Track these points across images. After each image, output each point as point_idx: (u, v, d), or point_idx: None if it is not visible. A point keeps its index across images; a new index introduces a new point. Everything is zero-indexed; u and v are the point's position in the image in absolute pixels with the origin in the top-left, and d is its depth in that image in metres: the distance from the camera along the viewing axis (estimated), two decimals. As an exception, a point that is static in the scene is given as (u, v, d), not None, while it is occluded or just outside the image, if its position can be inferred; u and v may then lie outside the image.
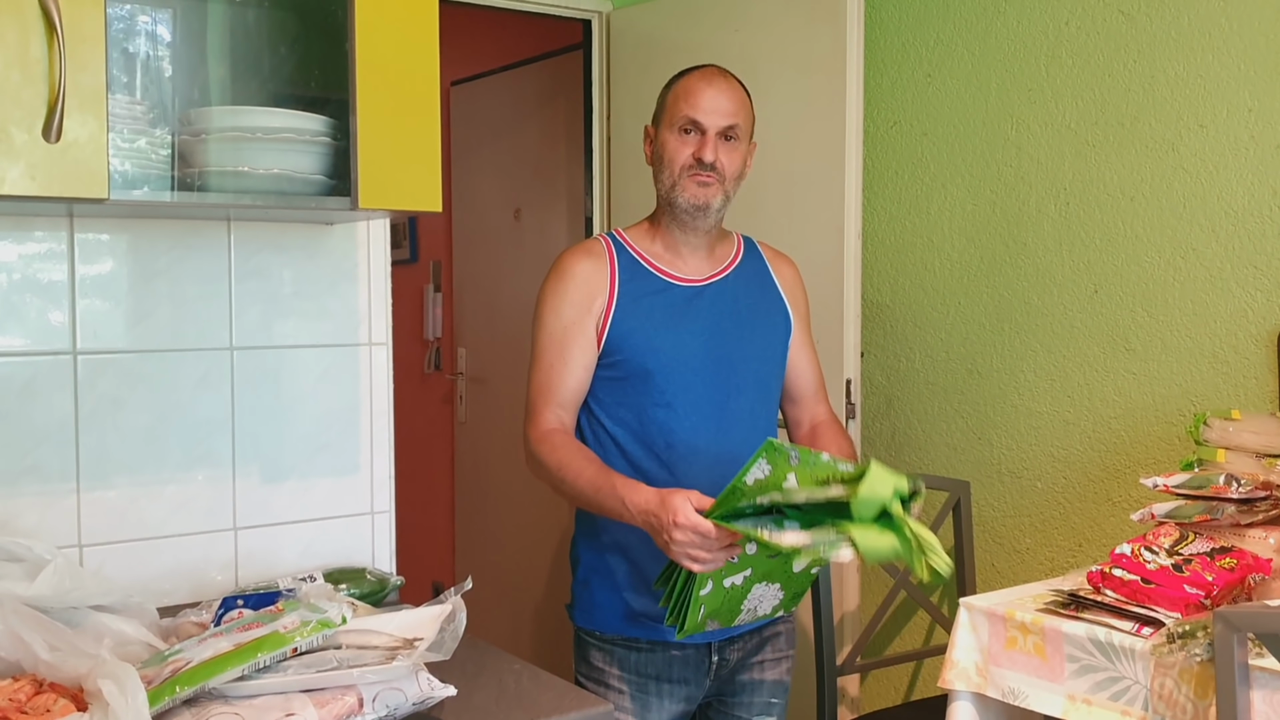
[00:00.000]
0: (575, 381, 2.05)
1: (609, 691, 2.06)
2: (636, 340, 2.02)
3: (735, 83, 2.09)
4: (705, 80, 2.06)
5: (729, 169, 2.04)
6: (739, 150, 2.07)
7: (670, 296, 2.07)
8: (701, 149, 2.02)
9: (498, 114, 4.34)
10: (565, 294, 2.05)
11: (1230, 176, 2.36)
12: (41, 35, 1.38)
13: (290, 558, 1.97)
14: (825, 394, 2.27)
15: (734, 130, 2.04)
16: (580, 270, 2.06)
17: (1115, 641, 1.79)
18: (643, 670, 2.06)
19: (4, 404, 1.73)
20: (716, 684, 2.13)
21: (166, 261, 1.85)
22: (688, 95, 2.05)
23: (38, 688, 1.33)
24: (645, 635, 2.06)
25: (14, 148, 1.37)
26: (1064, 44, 2.62)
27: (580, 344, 2.04)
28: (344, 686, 1.36)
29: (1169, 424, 2.46)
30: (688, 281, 2.09)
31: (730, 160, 2.04)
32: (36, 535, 1.68)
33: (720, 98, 2.04)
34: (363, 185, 1.62)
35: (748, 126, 2.09)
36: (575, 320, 2.04)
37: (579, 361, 2.05)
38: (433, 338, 4.80)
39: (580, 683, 2.11)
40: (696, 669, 2.09)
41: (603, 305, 2.04)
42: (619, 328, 2.03)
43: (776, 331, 2.16)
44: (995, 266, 2.78)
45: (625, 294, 2.05)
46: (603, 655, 2.08)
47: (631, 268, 2.07)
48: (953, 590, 2.78)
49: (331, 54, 1.68)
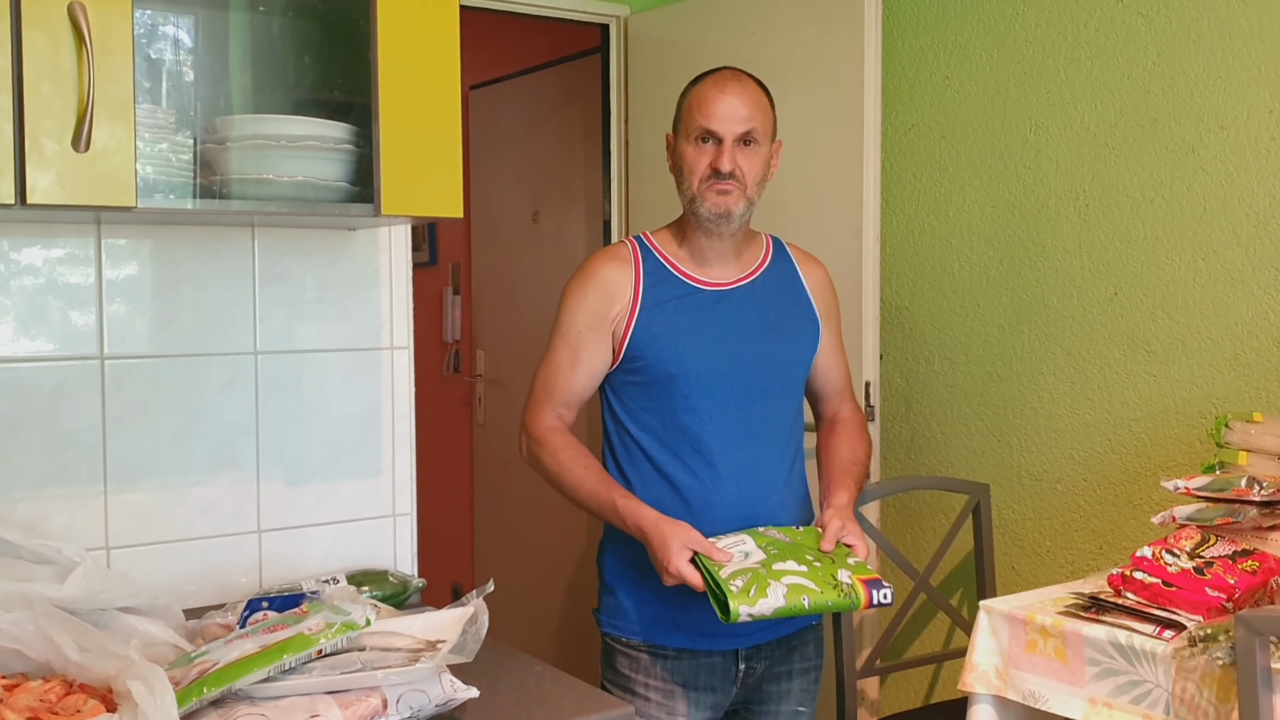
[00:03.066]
0: (580, 386, 2.07)
1: (635, 699, 2.06)
2: (661, 345, 2.02)
3: (751, 84, 2.06)
4: (718, 87, 2.02)
5: (749, 175, 2.02)
6: (759, 154, 2.04)
7: (696, 301, 2.06)
8: (718, 158, 2.00)
9: (516, 118, 4.36)
10: (585, 297, 2.06)
11: (1251, 178, 2.35)
12: (71, 47, 1.40)
13: (313, 560, 1.99)
14: (851, 392, 2.29)
15: (751, 135, 2.02)
16: (603, 274, 2.07)
17: (1136, 645, 1.79)
18: (669, 678, 2.06)
19: (33, 408, 1.75)
20: (744, 692, 2.12)
21: (191, 267, 1.87)
22: (702, 104, 2.02)
23: (68, 688, 1.35)
24: (672, 643, 2.05)
25: (45, 158, 1.39)
26: (1083, 46, 2.62)
27: (591, 349, 2.05)
28: (368, 688, 1.37)
29: (1190, 426, 2.45)
30: (714, 285, 2.09)
31: (750, 165, 2.02)
32: (65, 538, 1.70)
33: (735, 103, 2.01)
34: (385, 191, 1.64)
35: (767, 128, 2.06)
36: (590, 325, 2.05)
37: (587, 367, 2.06)
38: (451, 340, 4.82)
39: (606, 689, 2.10)
40: (724, 677, 2.08)
41: (625, 310, 2.04)
42: (642, 333, 2.03)
43: (804, 335, 2.15)
44: (1014, 269, 2.78)
45: (649, 298, 2.05)
46: (629, 662, 2.08)
47: (657, 272, 2.07)
48: (973, 593, 2.78)
49: (354, 61, 1.70)
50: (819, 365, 2.20)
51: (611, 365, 2.07)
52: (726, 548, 1.87)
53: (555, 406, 2.07)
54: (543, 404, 2.07)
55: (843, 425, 2.21)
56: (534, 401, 2.09)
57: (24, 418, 1.74)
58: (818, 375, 2.22)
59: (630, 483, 2.06)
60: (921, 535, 3.00)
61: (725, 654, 2.08)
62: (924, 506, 2.99)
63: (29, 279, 1.75)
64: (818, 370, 2.21)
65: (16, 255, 1.74)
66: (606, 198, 3.62)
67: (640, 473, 2.05)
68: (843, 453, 2.16)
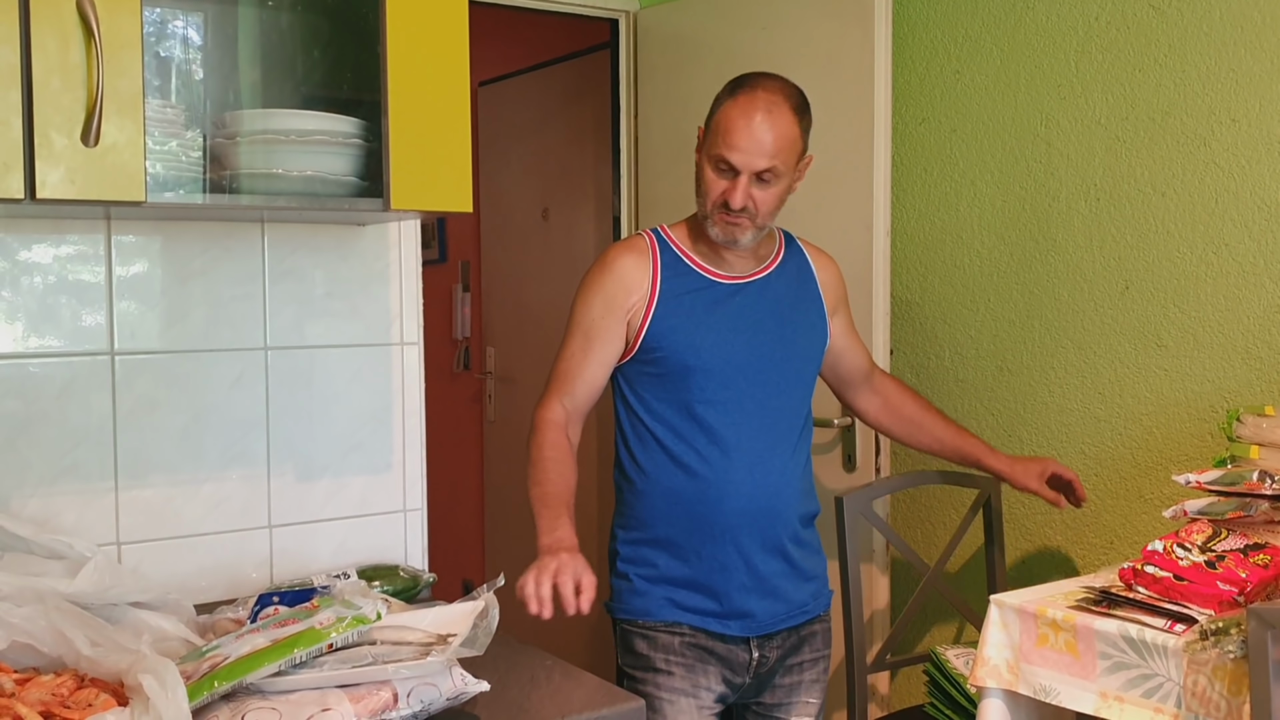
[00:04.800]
0: (592, 374, 2.08)
1: (657, 675, 2.07)
2: (677, 338, 2.04)
3: (782, 114, 1.97)
4: (746, 117, 1.95)
5: (762, 208, 2.00)
6: (775, 189, 2.00)
7: (712, 294, 2.08)
8: (731, 192, 1.97)
9: (525, 114, 4.35)
10: (601, 288, 2.07)
11: (1263, 171, 2.34)
12: (80, 42, 1.40)
13: (324, 555, 1.99)
14: (875, 364, 2.41)
15: (770, 172, 1.97)
16: (621, 266, 2.08)
17: (1148, 639, 1.78)
18: (689, 652, 2.08)
19: (43, 405, 1.76)
20: (756, 682, 2.14)
21: (201, 263, 1.87)
22: (727, 131, 1.96)
23: (79, 682, 1.36)
24: (688, 621, 2.08)
25: (54, 152, 1.40)
26: (1094, 39, 2.60)
27: (605, 337, 2.07)
28: (379, 682, 1.37)
29: (1201, 420, 2.44)
30: (730, 279, 2.10)
31: (764, 199, 1.99)
32: (76, 533, 1.71)
33: (759, 139, 1.95)
34: (394, 186, 1.64)
35: (790, 161, 2.00)
36: (603, 315, 2.06)
37: (599, 357, 2.08)
38: (461, 337, 4.83)
39: (626, 673, 2.13)
40: (737, 660, 2.11)
41: (643, 301, 2.05)
42: (659, 325, 2.04)
43: (815, 330, 2.18)
44: (1025, 263, 2.77)
45: (667, 291, 2.06)
46: (647, 643, 2.10)
47: (674, 265, 2.09)
48: (983, 588, 2.77)
49: (363, 57, 1.70)
50: (840, 350, 2.26)
51: (627, 356, 2.08)
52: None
53: (565, 397, 2.08)
54: (554, 393, 2.09)
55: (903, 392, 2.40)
56: (547, 391, 2.11)
57: (35, 414, 1.75)
58: (842, 361, 2.28)
59: (645, 472, 2.08)
60: (932, 530, 3.00)
61: (738, 639, 2.09)
62: (934, 501, 2.99)
63: (39, 276, 1.75)
64: (840, 355, 2.26)
65: (27, 252, 1.74)
66: (616, 194, 3.62)
67: (655, 462, 2.07)
68: (938, 416, 2.41)
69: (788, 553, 2.12)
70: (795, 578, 2.13)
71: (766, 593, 2.09)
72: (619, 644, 2.15)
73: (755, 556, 2.07)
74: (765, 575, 2.09)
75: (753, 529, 2.06)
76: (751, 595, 2.08)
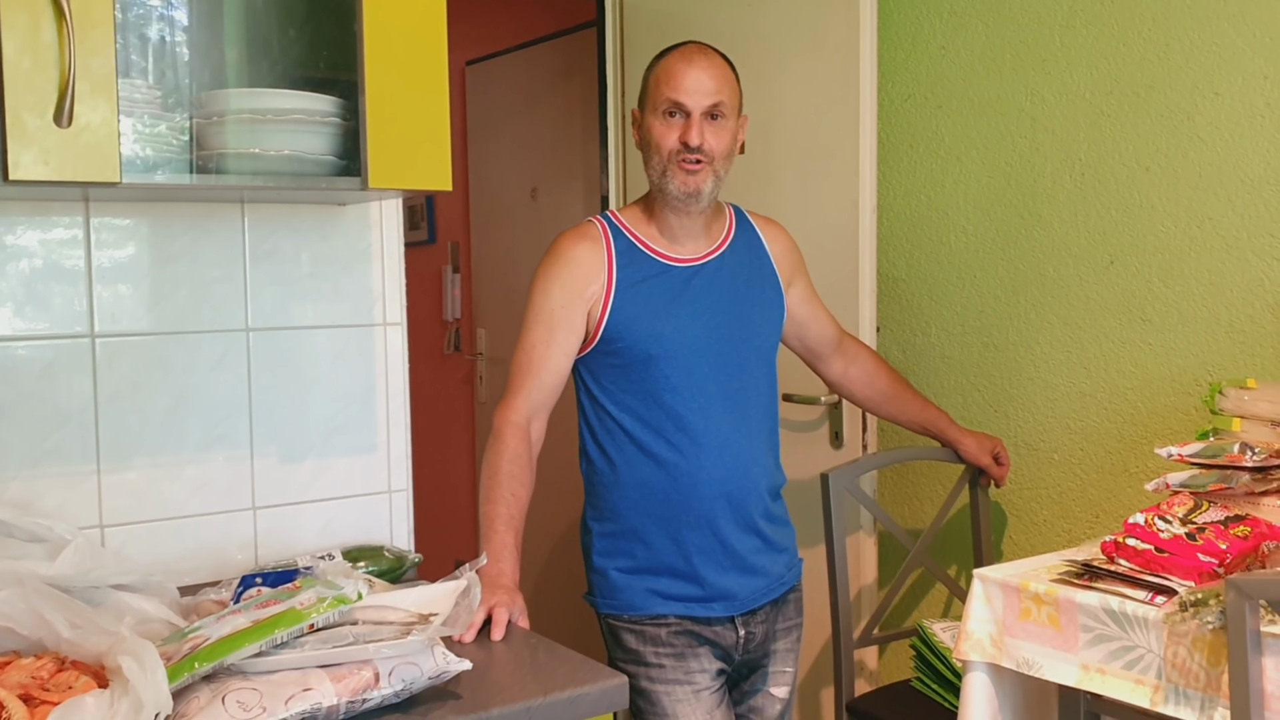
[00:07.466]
0: (556, 365, 2.06)
1: (649, 668, 2.07)
2: (638, 327, 2.03)
3: (717, 58, 2.05)
4: (685, 61, 2.02)
5: (717, 149, 2.02)
6: (726, 128, 2.03)
7: (668, 279, 2.07)
8: (687, 132, 1.99)
9: (513, 93, 4.34)
10: (559, 276, 2.05)
11: (1246, 145, 2.33)
12: (51, 21, 1.39)
13: (309, 536, 1.99)
14: (844, 331, 2.41)
15: (719, 108, 2.01)
16: (577, 254, 2.06)
17: (1129, 611, 1.79)
18: (678, 642, 2.08)
19: (25, 387, 1.75)
20: (746, 660, 2.15)
21: (182, 244, 1.87)
22: (669, 78, 2.01)
23: (60, 665, 1.36)
24: (674, 612, 2.08)
25: (26, 133, 1.39)
26: (1078, 14, 2.60)
27: (566, 328, 2.04)
28: (360, 661, 1.38)
29: (1185, 394, 2.45)
30: (685, 262, 2.09)
31: (718, 140, 2.02)
32: (58, 516, 1.71)
33: (702, 76, 2.00)
34: (372, 165, 1.63)
35: (734, 102, 2.06)
36: (564, 305, 2.04)
37: (562, 347, 2.05)
38: (452, 319, 4.82)
39: (619, 667, 2.11)
40: (726, 641, 2.11)
41: (600, 291, 2.04)
42: (619, 315, 2.03)
43: (772, 306, 2.18)
44: (1011, 239, 2.77)
45: (623, 279, 2.05)
46: (636, 637, 2.09)
47: (629, 252, 2.07)
48: (969, 563, 2.78)
49: (340, 34, 1.69)
50: (802, 318, 2.25)
51: (587, 347, 2.07)
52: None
53: (530, 392, 2.05)
54: (516, 390, 2.06)
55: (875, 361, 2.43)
56: (509, 388, 2.08)
57: (16, 397, 1.75)
58: (808, 330, 2.27)
59: (614, 463, 2.07)
60: (919, 505, 3.01)
61: (723, 620, 2.10)
62: (921, 477, 2.99)
63: (18, 258, 1.75)
64: (805, 325, 2.25)
65: (6, 234, 1.74)
66: (604, 173, 3.61)
67: (625, 454, 2.06)
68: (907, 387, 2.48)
69: (760, 529, 2.12)
70: (769, 552, 2.14)
71: (744, 570, 2.10)
72: (606, 637, 2.15)
73: (731, 537, 2.08)
74: (741, 553, 2.09)
75: (726, 511, 2.07)
76: (730, 574, 2.08)
